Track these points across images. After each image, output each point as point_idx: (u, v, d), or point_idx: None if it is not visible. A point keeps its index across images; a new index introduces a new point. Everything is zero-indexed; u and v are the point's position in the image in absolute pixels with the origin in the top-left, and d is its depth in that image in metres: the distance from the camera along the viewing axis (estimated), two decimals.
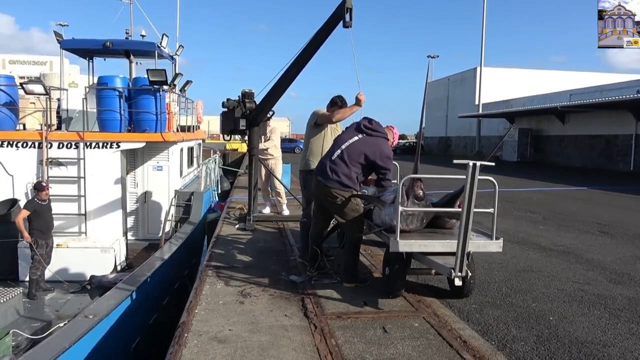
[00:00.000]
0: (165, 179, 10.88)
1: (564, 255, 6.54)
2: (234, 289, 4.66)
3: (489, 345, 3.52)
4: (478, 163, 3.68)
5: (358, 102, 5.46)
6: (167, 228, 9.90)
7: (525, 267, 5.87)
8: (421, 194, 4.34)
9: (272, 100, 7.26)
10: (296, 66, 6.58)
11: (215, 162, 17.05)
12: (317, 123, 5.88)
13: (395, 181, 5.99)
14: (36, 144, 9.41)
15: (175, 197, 10.60)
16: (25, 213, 7.70)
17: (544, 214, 10.23)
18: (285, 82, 6.80)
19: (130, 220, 10.82)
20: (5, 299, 6.45)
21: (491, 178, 4.04)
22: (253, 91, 7.62)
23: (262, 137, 8.69)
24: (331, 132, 5.93)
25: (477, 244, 4.23)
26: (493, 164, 3.95)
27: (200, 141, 15.71)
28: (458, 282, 3.98)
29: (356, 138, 4.68)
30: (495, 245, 4.25)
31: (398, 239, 4.03)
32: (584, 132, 27.77)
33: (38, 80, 10.62)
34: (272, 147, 9.16)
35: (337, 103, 5.83)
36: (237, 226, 7.85)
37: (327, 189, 4.63)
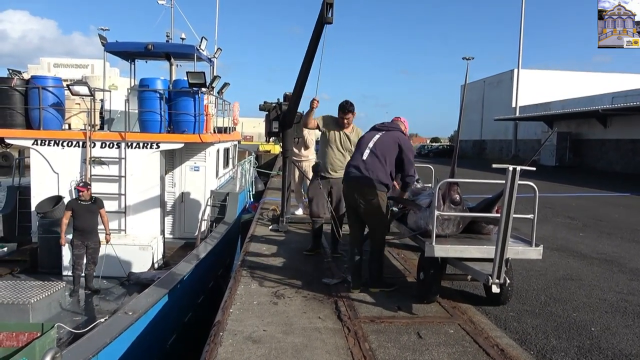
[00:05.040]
0: (201, 179, 11.07)
1: (606, 263, 6.32)
2: (268, 290, 4.71)
3: (528, 355, 3.45)
4: (518, 168, 3.61)
5: (310, 106, 6.13)
6: (203, 227, 10.07)
7: (565, 275, 5.71)
8: (458, 198, 4.29)
9: (296, 103, 7.27)
10: (303, 67, 6.53)
11: (250, 164, 17.24)
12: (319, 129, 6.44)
13: (430, 185, 5.93)
14: (80, 143, 9.75)
15: (211, 197, 10.78)
16: (67, 213, 7.89)
17: (584, 220, 9.91)
18: (299, 84, 6.78)
19: (168, 219, 11.07)
20: (49, 293, 6.70)
21: (531, 183, 3.96)
22: None
23: (303, 146, 8.94)
24: (337, 138, 6.22)
25: (516, 251, 4.15)
26: (534, 168, 3.87)
27: (236, 142, 15.92)
28: (495, 289, 3.91)
29: (378, 135, 4.77)
30: (534, 252, 4.16)
31: (434, 243, 4.00)
32: (626, 136, 26.72)
33: (83, 82, 10.99)
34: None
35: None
36: (270, 227, 7.94)
37: (364, 189, 4.57)
